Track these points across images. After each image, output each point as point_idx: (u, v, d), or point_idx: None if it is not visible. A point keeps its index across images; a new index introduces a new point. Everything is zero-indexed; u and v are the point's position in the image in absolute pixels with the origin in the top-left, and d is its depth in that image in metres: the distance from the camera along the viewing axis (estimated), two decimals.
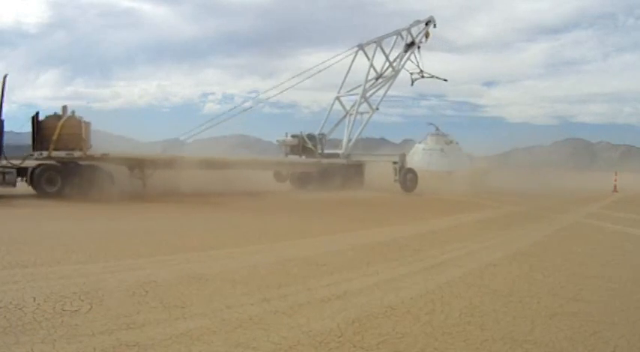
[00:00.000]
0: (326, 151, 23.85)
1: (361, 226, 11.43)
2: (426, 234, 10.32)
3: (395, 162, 22.69)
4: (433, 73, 27.48)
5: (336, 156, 23.80)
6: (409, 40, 25.96)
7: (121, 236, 8.82)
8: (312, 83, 30.95)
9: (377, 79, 25.92)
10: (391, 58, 25.95)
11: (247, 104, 26.58)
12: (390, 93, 26.59)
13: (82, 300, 4.78)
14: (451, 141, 31.47)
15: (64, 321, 4.20)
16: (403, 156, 23.32)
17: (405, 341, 4.05)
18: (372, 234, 10.13)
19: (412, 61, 26.28)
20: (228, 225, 11.04)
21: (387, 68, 26.00)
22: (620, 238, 10.91)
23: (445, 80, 28.98)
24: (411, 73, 26.67)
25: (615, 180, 31.15)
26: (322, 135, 24.50)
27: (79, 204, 14.08)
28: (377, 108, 25.65)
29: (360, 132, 25.41)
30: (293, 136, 23.41)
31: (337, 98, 25.87)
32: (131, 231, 9.49)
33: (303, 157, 23.03)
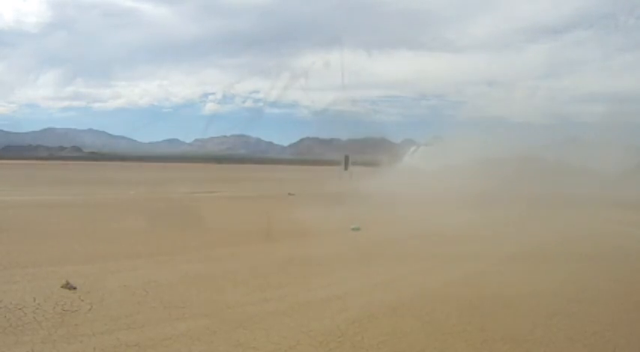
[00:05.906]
0: None
1: None
2: None
3: None
4: None
5: None
6: None
7: None
8: (313, 83, 30.96)
9: None
10: None
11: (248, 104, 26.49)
12: (390, 93, 26.61)
13: (82, 300, 4.78)
14: None
15: (64, 321, 4.20)
16: None
17: (405, 340, 4.05)
18: None
19: None
20: None
21: None
22: None
23: None
24: None
25: None
26: None
27: None
28: None
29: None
30: None
31: None
32: None
33: None
